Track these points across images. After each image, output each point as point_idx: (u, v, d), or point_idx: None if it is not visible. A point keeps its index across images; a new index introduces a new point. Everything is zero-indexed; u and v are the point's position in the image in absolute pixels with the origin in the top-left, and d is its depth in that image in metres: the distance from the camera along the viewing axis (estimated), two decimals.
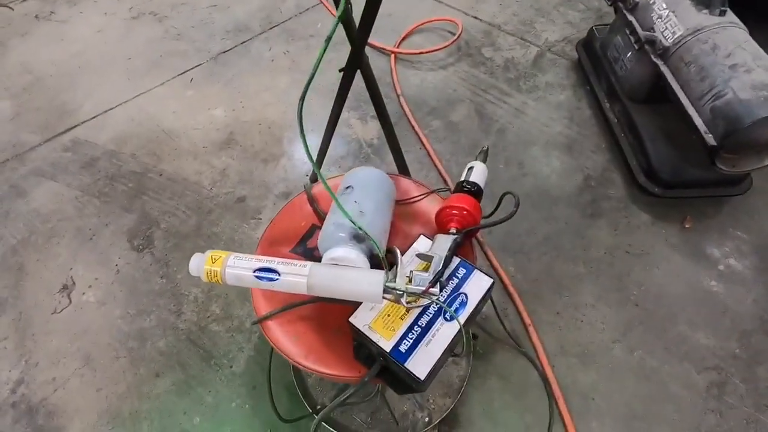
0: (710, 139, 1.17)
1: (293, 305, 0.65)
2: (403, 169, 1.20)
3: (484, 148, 0.84)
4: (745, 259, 1.34)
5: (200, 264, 0.56)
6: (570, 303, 1.28)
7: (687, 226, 1.41)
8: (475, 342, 1.18)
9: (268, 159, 1.70)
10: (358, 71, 1.00)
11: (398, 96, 1.88)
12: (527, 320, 1.24)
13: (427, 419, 1.05)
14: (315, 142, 1.77)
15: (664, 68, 1.33)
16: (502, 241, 1.42)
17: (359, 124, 1.82)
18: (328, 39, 0.38)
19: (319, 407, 1.08)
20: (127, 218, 1.53)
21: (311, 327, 0.66)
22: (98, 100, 1.91)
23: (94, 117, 1.86)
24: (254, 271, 0.55)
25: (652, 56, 1.36)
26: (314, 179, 1.60)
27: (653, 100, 1.46)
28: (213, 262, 0.56)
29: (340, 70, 1.00)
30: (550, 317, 1.26)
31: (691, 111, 1.23)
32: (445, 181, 1.59)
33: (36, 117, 1.86)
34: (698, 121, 1.20)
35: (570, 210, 1.49)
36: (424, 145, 1.71)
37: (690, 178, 1.36)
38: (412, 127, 1.78)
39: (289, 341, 0.65)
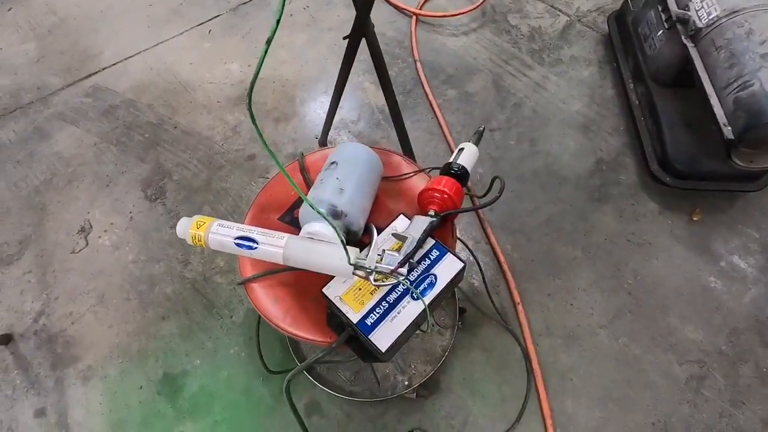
0: (728, 131, 1.11)
1: (274, 271, 0.69)
2: (404, 143, 1.19)
3: (480, 129, 0.83)
4: (750, 257, 1.31)
5: (186, 228, 0.60)
6: (563, 286, 1.29)
7: (695, 218, 1.37)
8: (463, 316, 1.22)
9: (279, 118, 1.72)
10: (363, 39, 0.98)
11: (415, 61, 1.84)
12: (517, 299, 1.26)
13: (406, 383, 1.11)
14: (329, 106, 1.77)
15: (693, 51, 1.25)
16: (504, 219, 1.42)
17: (373, 89, 1.79)
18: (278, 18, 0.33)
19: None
20: (141, 168, 1.59)
21: (290, 293, 0.70)
22: (119, 46, 1.93)
23: (114, 64, 1.89)
24: (235, 239, 0.59)
25: (683, 37, 1.28)
26: (323, 142, 1.61)
27: (679, 84, 1.39)
28: (198, 227, 0.59)
29: (344, 38, 0.99)
30: (541, 298, 1.28)
31: (713, 100, 1.16)
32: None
33: (59, 60, 1.90)
34: (718, 112, 1.15)
35: (577, 192, 1.47)
36: (436, 114, 1.69)
37: (705, 170, 1.31)
38: (426, 95, 1.74)
39: (269, 303, 0.69)
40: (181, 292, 1.33)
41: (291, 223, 0.75)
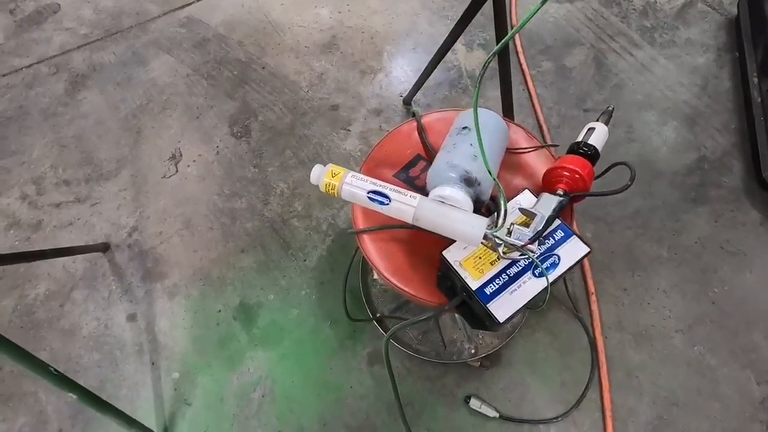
0: None
1: (390, 226, 0.70)
2: (508, 113, 1.15)
3: (610, 108, 0.78)
4: None
5: (321, 175, 0.61)
6: (641, 283, 1.25)
7: None
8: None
9: (365, 71, 1.69)
10: None
11: (512, 27, 1.74)
12: (591, 288, 1.23)
13: (473, 351, 1.13)
14: (416, 63, 1.72)
15: None
16: (586, 206, 1.37)
17: (464, 51, 1.72)
18: None
19: (378, 315, 1.19)
20: (229, 104, 1.63)
21: (401, 249, 0.71)
22: None
23: None
24: (368, 192, 0.60)
25: None
26: (408, 102, 1.58)
27: None
28: (332, 177, 0.60)
29: None
30: (616, 292, 1.24)
31: None
32: (541, 130, 1.51)
33: None
34: None
35: (671, 189, 1.39)
36: (527, 86, 1.61)
37: None
38: (520, 64, 1.66)
39: (379, 257, 0.71)
40: (260, 230, 1.39)
41: (406, 181, 0.75)
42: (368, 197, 0.60)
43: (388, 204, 0.60)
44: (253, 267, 1.33)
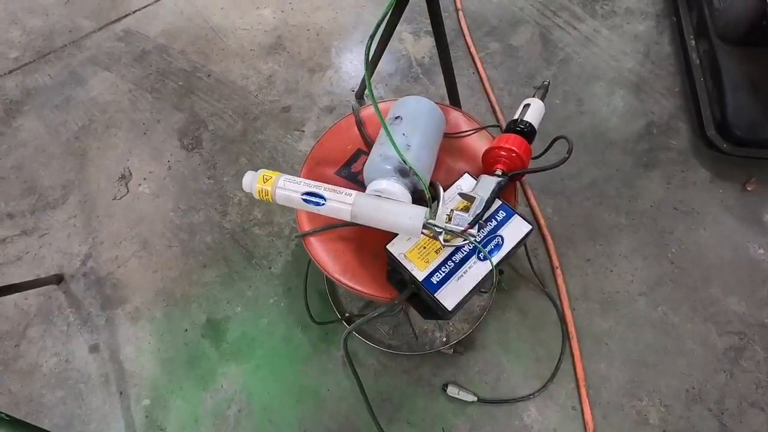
0: None
1: (334, 226, 0.69)
2: (454, 98, 1.15)
3: (545, 83, 0.79)
4: None
5: (253, 182, 0.59)
6: (603, 252, 1.28)
7: (749, 188, 1.32)
8: (501, 277, 1.22)
9: (314, 69, 1.66)
10: None
11: (457, 10, 1.74)
12: (556, 263, 1.25)
13: (444, 339, 1.13)
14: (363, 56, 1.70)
15: None
16: (545, 182, 1.38)
17: (411, 40, 1.71)
18: None
19: (347, 315, 1.18)
20: (177, 116, 1.58)
21: (349, 247, 0.70)
22: None
23: (144, 7, 1.83)
24: (302, 195, 0.58)
25: None
26: (360, 95, 1.56)
27: (748, 42, 1.29)
28: (265, 182, 0.58)
29: None
30: (580, 263, 1.26)
31: None
32: (494, 113, 1.52)
33: (89, 2, 1.85)
34: None
35: (624, 157, 1.42)
36: (477, 69, 1.61)
37: (766, 137, 1.24)
38: (468, 48, 1.66)
39: (328, 257, 0.70)
40: (221, 242, 1.35)
41: (348, 177, 0.74)
42: (303, 199, 0.58)
43: (324, 204, 0.58)
44: (217, 281, 1.30)
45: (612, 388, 1.11)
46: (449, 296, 0.58)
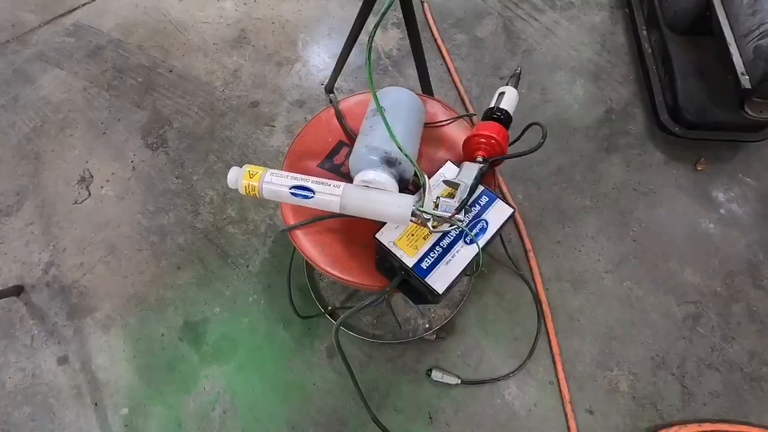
0: (746, 81, 1.12)
1: (321, 218, 0.69)
2: (426, 88, 1.16)
3: (517, 71, 0.81)
4: (747, 205, 1.38)
5: (239, 177, 0.58)
6: (571, 234, 1.34)
7: (699, 168, 1.42)
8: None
9: (282, 62, 1.63)
10: None
11: (422, 2, 1.75)
12: (528, 246, 1.30)
13: (427, 325, 1.16)
14: (332, 49, 1.69)
15: None
16: (514, 169, 1.43)
17: (378, 32, 1.71)
18: None
19: (330, 308, 1.18)
20: (138, 114, 1.51)
21: (336, 239, 0.70)
22: None
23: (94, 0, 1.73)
24: (290, 188, 0.58)
25: None
26: (330, 89, 1.55)
27: (695, 31, 1.37)
28: (251, 177, 0.58)
29: None
30: (551, 245, 1.32)
31: (733, 48, 1.16)
32: (463, 102, 1.55)
33: None
34: (737, 60, 1.15)
35: (587, 143, 1.49)
36: (445, 60, 1.64)
37: (713, 120, 1.33)
38: (435, 39, 1.68)
39: (316, 250, 0.70)
40: (194, 242, 1.32)
41: (331, 169, 0.74)
42: (291, 193, 0.58)
43: (312, 197, 0.58)
44: (192, 282, 1.26)
45: (585, 361, 1.17)
46: (439, 279, 0.60)
